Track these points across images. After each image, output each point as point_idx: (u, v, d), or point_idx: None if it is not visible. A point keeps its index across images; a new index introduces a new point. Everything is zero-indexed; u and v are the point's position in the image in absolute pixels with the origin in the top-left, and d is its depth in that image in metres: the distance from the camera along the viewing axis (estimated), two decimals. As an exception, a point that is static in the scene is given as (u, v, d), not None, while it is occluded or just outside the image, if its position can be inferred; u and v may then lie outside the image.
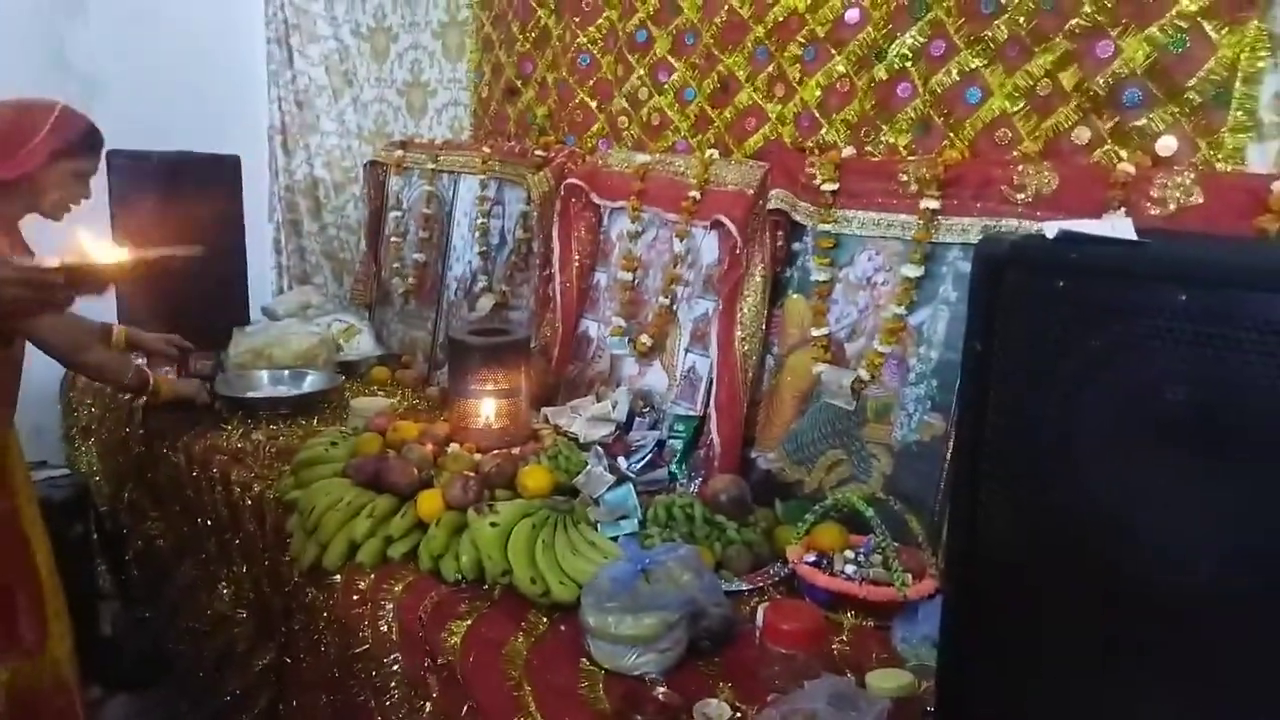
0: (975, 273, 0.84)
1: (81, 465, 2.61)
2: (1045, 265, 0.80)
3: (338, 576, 1.58)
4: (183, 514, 2.07)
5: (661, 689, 1.21)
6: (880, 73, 1.77)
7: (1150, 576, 0.74)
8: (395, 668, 1.45)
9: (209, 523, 1.97)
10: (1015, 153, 1.59)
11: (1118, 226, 0.80)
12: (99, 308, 2.46)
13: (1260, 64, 1.32)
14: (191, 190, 2.72)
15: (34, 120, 1.98)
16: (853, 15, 1.81)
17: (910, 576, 1.38)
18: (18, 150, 1.93)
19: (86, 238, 1.81)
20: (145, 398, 2.25)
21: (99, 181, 2.73)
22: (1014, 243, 0.84)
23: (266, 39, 3.44)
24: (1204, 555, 0.71)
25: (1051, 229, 0.81)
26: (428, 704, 1.38)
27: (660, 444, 1.91)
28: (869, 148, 1.80)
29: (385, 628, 1.47)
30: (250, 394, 2.35)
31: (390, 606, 1.48)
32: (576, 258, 2.27)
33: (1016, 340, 0.82)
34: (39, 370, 2.16)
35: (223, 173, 2.79)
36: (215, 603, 1.94)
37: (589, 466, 1.77)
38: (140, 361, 2.29)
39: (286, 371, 2.48)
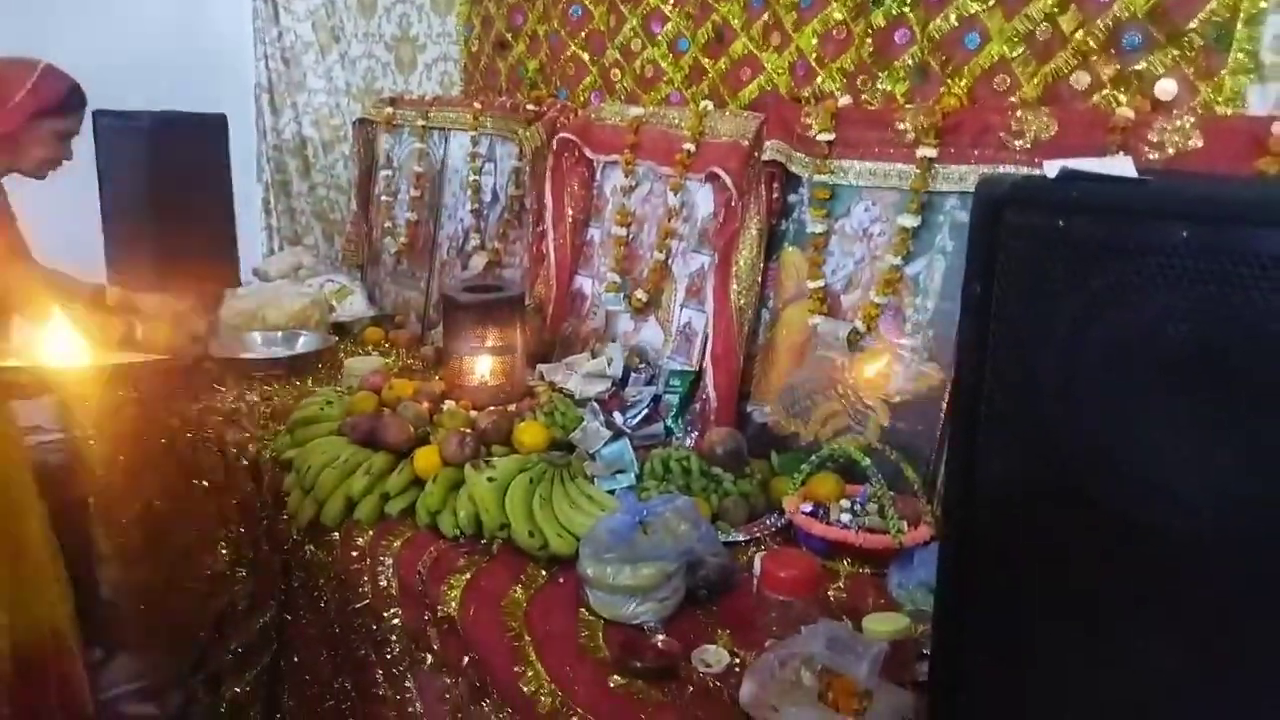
0: (974, 213, 0.83)
1: (76, 429, 2.60)
2: (1045, 204, 0.78)
3: (336, 534, 1.58)
4: (180, 475, 2.06)
5: (660, 637, 1.22)
6: (877, 19, 1.74)
7: (1151, 520, 0.73)
8: (395, 622, 1.46)
9: (206, 483, 1.97)
10: (1014, 99, 1.57)
11: (1118, 165, 0.79)
12: (90, 271, 2.46)
13: (1263, 3, 1.30)
14: (178, 150, 2.69)
15: (15, 78, 1.95)
16: (849, -40, 1.77)
17: (906, 524, 1.39)
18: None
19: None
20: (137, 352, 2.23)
21: (85, 142, 2.72)
22: (1014, 182, 0.82)
23: (251, -5, 3.39)
24: (1207, 498, 0.71)
25: (1052, 168, 0.80)
26: (429, 656, 1.39)
27: (656, 399, 1.91)
28: (866, 96, 1.78)
29: (384, 583, 1.47)
30: (244, 355, 2.33)
31: (389, 562, 1.48)
32: (570, 213, 2.24)
33: (1016, 281, 0.81)
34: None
35: (209, 132, 2.75)
36: (214, 563, 1.94)
37: (585, 422, 1.77)
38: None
39: (280, 333, 2.46)
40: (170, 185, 2.66)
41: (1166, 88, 1.41)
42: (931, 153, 1.57)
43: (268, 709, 1.85)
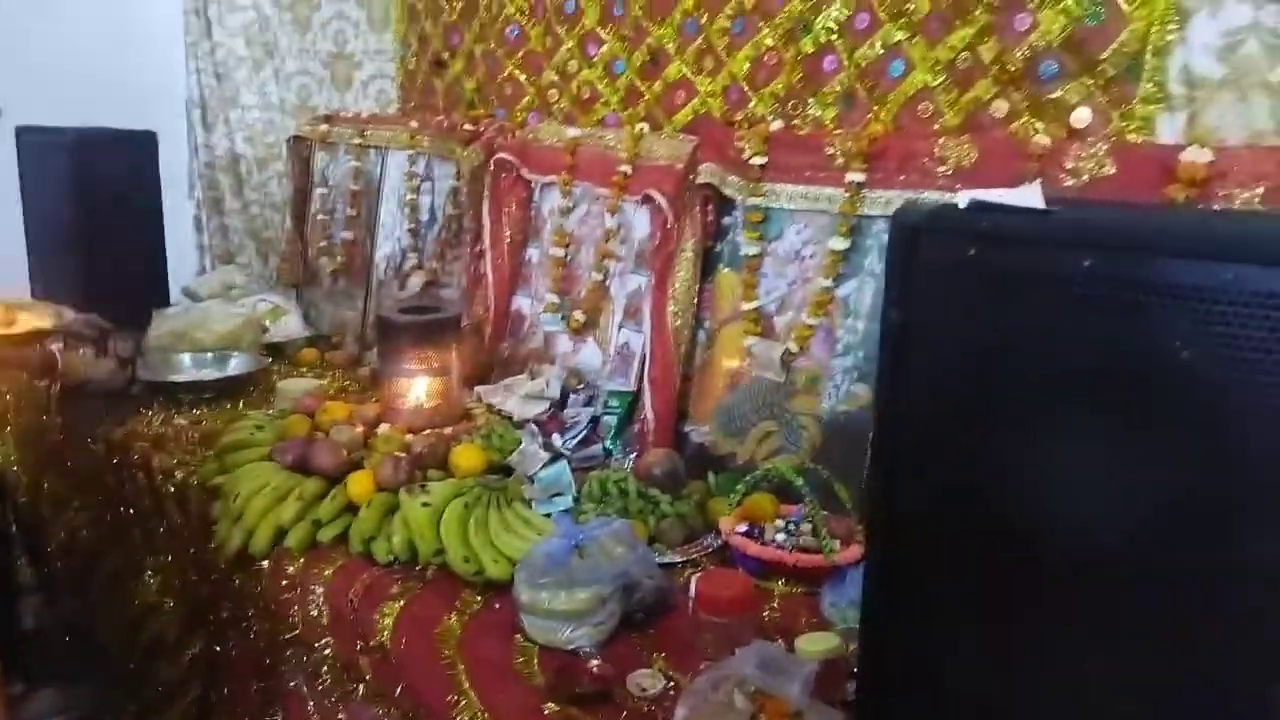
0: (892, 241, 0.85)
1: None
2: (957, 233, 0.81)
3: (265, 562, 1.55)
4: (105, 503, 2.00)
5: (595, 662, 1.21)
6: (807, 45, 1.78)
7: (1061, 538, 0.76)
8: (327, 652, 1.43)
9: (132, 511, 1.92)
10: (937, 126, 1.61)
11: (1026, 195, 0.82)
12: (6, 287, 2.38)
13: (1170, 36, 1.36)
14: (104, 167, 2.62)
15: None
16: (780, -14, 1.81)
17: (839, 543, 1.41)
18: None
19: None
20: (56, 382, 2.17)
21: (8, 160, 2.64)
22: (929, 211, 0.85)
23: (184, 9, 3.31)
24: (1113, 513, 0.74)
25: (964, 198, 0.82)
26: (360, 686, 1.37)
27: (595, 420, 1.91)
28: (796, 121, 1.81)
29: (315, 612, 1.45)
30: (172, 377, 2.28)
31: (320, 590, 1.46)
32: (508, 233, 2.24)
33: (932, 308, 0.83)
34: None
35: (138, 149, 2.69)
36: (142, 592, 1.89)
37: (523, 444, 1.76)
38: (55, 346, 2.21)
39: (210, 354, 2.41)
40: (96, 203, 2.59)
41: (1081, 116, 1.46)
42: (859, 177, 1.60)
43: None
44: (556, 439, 1.86)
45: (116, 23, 3.26)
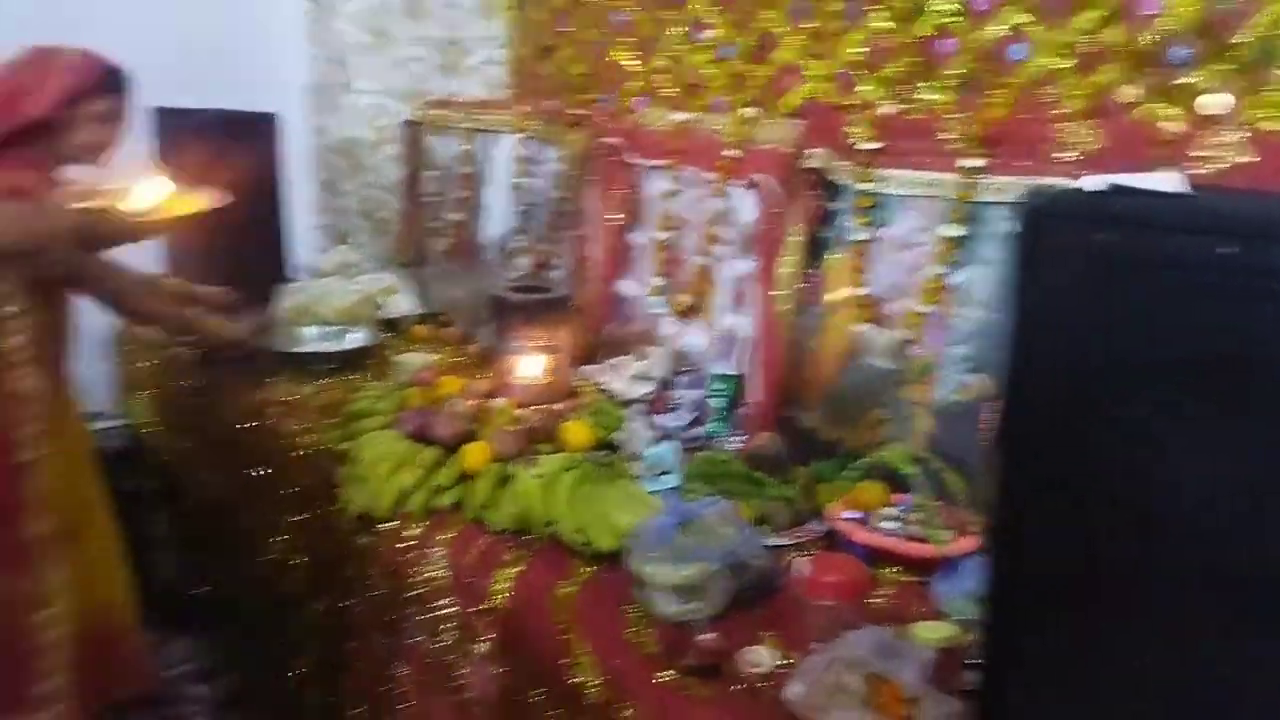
0: (1017, 225, 0.85)
1: (136, 417, 2.69)
2: (1088, 218, 0.80)
3: (387, 524, 1.64)
4: (238, 464, 2.14)
5: (706, 635, 1.25)
6: (923, 28, 1.76)
7: (1191, 531, 0.76)
8: (447, 611, 1.51)
9: (263, 472, 2.04)
10: (1059, 111, 1.58)
11: (1167, 180, 0.81)
12: (145, 261, 2.54)
13: (1311, 20, 1.31)
14: (233, 148, 2.76)
15: (47, 63, 1.97)
16: (895, -31, 1.79)
17: (951, 533, 1.41)
18: (31, 92, 1.92)
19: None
20: (198, 344, 2.29)
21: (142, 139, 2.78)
22: (1057, 195, 0.85)
23: (304, -3, 3.46)
24: (1246, 510, 0.73)
25: (1099, 182, 0.82)
26: (479, 646, 1.44)
27: (699, 402, 1.95)
28: (910, 105, 1.80)
29: (435, 573, 1.53)
30: (297, 349, 2.40)
31: (439, 553, 1.53)
32: (613, 217, 2.28)
33: (1057, 294, 0.83)
34: (90, 323, 2.23)
35: (262, 130, 2.81)
36: (271, 550, 2.01)
37: (629, 423, 1.81)
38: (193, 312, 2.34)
39: (330, 328, 2.53)
40: (225, 182, 2.73)
41: (1216, 102, 1.41)
42: (977, 163, 1.59)
43: (326, 693, 1.91)
44: (662, 419, 1.90)
45: (244, 8, 3.41)
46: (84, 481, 2.03)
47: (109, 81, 2.03)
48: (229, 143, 2.74)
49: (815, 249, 1.85)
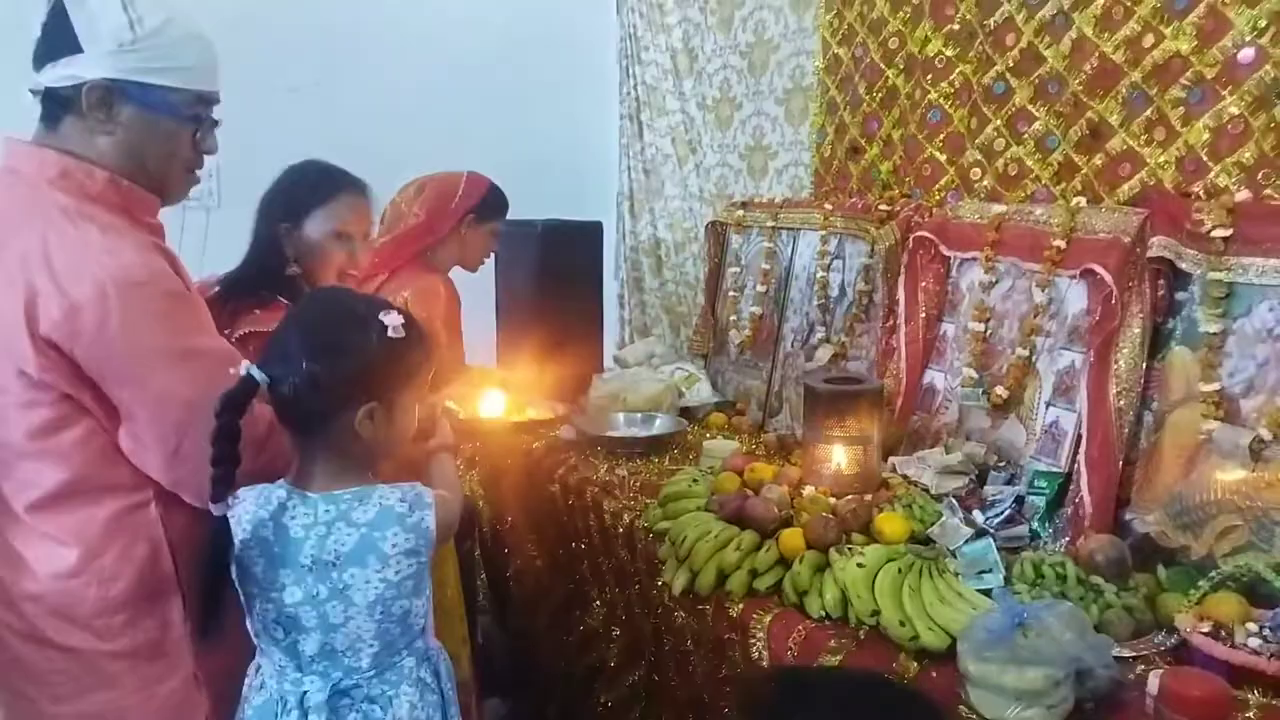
0: None
1: (467, 490, 2.99)
2: None
3: (707, 604, 1.70)
4: (558, 538, 2.31)
5: (1049, 745, 1.19)
6: (1281, 111, 1.64)
7: None
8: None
9: (582, 546, 2.20)
10: None
11: None
12: (479, 356, 2.88)
13: None
14: (561, 252, 3.09)
15: (453, 185, 2.44)
16: (1247, 55, 1.70)
17: (1336, 657, 1.25)
18: (446, 207, 2.38)
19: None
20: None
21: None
22: None
23: (619, 115, 3.82)
24: None
25: None
26: (800, 732, 1.45)
27: (1019, 499, 1.86)
28: (1268, 191, 1.67)
29: (756, 654, 1.56)
30: (610, 433, 2.59)
31: (760, 634, 1.57)
32: (923, 309, 2.28)
33: None
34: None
35: (588, 237, 3.13)
36: (587, 619, 2.14)
37: (944, 518, 1.77)
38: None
39: (639, 415, 2.71)
40: (552, 283, 3.05)
41: None
42: (1354, 249, 1.44)
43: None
44: (978, 515, 1.84)
45: (566, 129, 3.82)
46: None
47: (495, 199, 2.48)
48: (558, 248, 3.08)
49: (1155, 341, 1.74)
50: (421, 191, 2.52)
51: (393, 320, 1.36)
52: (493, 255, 3.18)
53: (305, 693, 1.37)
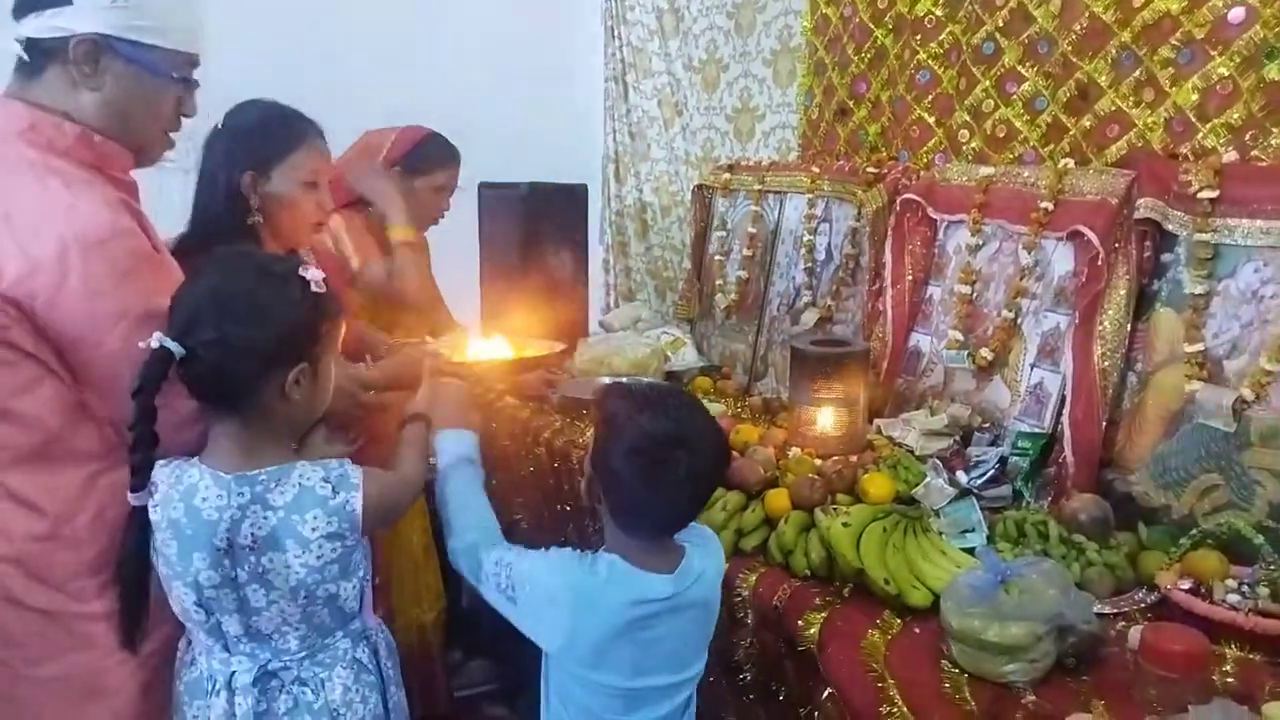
0: None
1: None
2: None
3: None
4: (544, 500, 2.31)
5: (1030, 698, 1.20)
6: (1271, 72, 1.64)
7: None
8: (751, 650, 1.54)
9: (568, 508, 2.20)
10: None
11: None
12: (465, 321, 2.85)
13: None
14: (546, 216, 3.06)
15: (385, 137, 2.32)
16: (1237, 14, 1.69)
17: (1310, 610, 1.27)
18: (372, 160, 2.26)
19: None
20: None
21: (471, 210, 3.13)
22: None
23: (605, 77, 3.78)
24: None
25: None
26: (784, 688, 1.46)
27: (1002, 460, 1.87)
28: (1255, 152, 1.67)
29: (741, 613, 1.57)
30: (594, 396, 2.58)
31: (745, 592, 1.58)
32: (909, 272, 2.28)
33: None
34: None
35: (573, 200, 3.10)
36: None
37: (928, 479, 1.78)
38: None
39: (624, 379, 2.69)
40: (537, 247, 3.03)
41: None
42: (1341, 210, 1.44)
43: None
44: (961, 476, 1.85)
45: (551, 90, 3.77)
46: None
47: (424, 151, 2.31)
48: (542, 211, 3.05)
49: (1140, 303, 1.74)
50: (357, 145, 2.38)
51: (314, 275, 1.30)
52: (476, 222, 3.18)
53: (234, 673, 1.31)
